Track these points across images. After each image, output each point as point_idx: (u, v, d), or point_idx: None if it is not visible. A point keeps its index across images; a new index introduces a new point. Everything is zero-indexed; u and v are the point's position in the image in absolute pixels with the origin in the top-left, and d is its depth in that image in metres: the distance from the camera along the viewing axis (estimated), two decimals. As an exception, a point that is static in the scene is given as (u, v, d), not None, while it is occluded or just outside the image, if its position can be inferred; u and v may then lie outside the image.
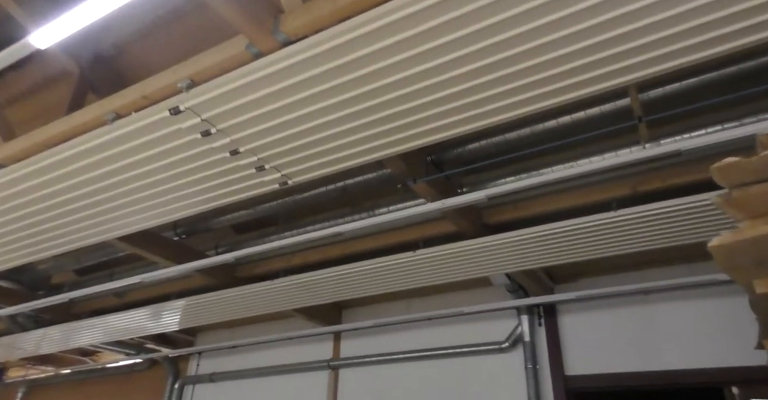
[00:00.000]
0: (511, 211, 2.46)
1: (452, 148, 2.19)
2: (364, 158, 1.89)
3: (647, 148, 1.68)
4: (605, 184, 2.22)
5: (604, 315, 3.12)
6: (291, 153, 1.86)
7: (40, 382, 5.41)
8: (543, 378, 3.10)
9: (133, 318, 3.46)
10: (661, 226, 2.08)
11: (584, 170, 1.82)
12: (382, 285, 2.91)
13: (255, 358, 4.34)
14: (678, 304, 2.94)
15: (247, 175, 1.98)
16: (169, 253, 2.88)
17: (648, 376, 2.88)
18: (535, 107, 1.61)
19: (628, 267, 3.11)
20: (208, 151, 1.83)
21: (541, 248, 2.41)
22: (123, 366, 4.89)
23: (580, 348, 3.11)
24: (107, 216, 2.24)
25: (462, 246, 2.47)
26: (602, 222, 2.14)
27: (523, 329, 3.22)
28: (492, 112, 1.65)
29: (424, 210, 2.12)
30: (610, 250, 2.32)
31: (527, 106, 1.61)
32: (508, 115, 1.65)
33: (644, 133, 1.71)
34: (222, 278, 3.22)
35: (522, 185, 1.94)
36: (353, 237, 2.96)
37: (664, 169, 2.09)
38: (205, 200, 2.16)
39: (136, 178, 1.99)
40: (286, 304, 3.26)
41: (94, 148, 1.80)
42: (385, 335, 3.81)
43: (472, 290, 3.57)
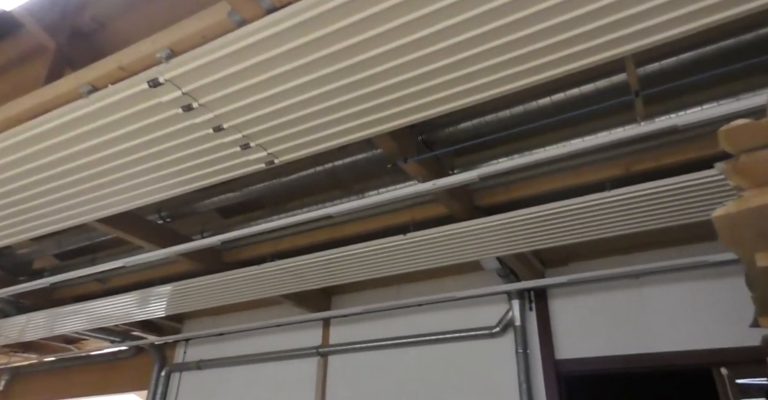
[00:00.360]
0: (503, 193, 2.42)
1: (444, 128, 2.13)
2: (353, 136, 1.83)
3: (643, 124, 1.63)
4: (598, 165, 2.18)
5: (595, 299, 3.11)
6: (277, 130, 1.79)
7: (23, 370, 5.32)
8: (534, 363, 3.09)
9: (118, 304, 3.39)
10: (655, 206, 2.05)
11: (578, 148, 1.78)
12: (372, 270, 2.87)
13: (243, 345, 4.30)
14: (668, 287, 2.94)
15: (232, 154, 1.91)
16: (153, 236, 2.80)
17: (638, 358, 2.88)
18: (526, 81, 1.55)
19: (619, 251, 3.10)
20: (191, 127, 1.75)
21: (534, 230, 2.38)
22: (108, 354, 4.82)
23: (571, 332, 3.10)
24: (85, 197, 2.16)
25: (453, 229, 2.43)
26: (596, 203, 2.10)
27: (514, 313, 3.20)
28: (482, 87, 1.60)
29: (415, 191, 2.07)
30: (604, 231, 2.29)
31: (518, 80, 1.56)
32: (499, 90, 1.60)
33: (640, 108, 1.66)
34: (208, 262, 3.15)
35: (514, 164, 1.89)
36: (342, 221, 2.91)
37: (657, 148, 2.06)
38: (188, 180, 2.09)
39: (114, 157, 1.91)
40: (274, 289, 3.20)
41: (69, 124, 1.72)
42: (375, 321, 3.77)
43: (462, 276, 3.54)
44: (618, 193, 2.02)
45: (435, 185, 2.04)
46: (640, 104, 1.66)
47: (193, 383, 4.36)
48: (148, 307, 3.44)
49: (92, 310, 3.47)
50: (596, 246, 3.11)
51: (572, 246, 3.13)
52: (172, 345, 4.62)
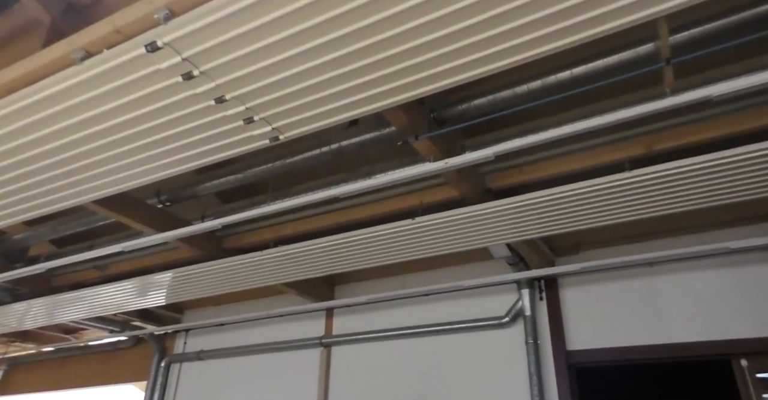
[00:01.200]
0: (516, 174, 2.32)
1: (456, 105, 2.03)
2: (362, 109, 1.73)
3: (672, 97, 1.53)
4: (618, 145, 2.08)
5: (607, 288, 3.02)
6: (282, 102, 1.69)
7: (21, 360, 5.25)
8: (544, 353, 3.01)
9: (117, 291, 3.30)
10: (679, 187, 1.95)
11: (600, 123, 1.68)
12: (378, 256, 2.77)
13: (244, 335, 4.22)
14: (684, 275, 2.85)
15: (235, 129, 1.82)
16: (152, 220, 2.71)
17: (652, 349, 2.79)
18: (543, 49, 1.45)
19: (632, 238, 3.01)
20: (192, 98, 1.65)
21: (548, 215, 2.28)
22: (107, 344, 4.74)
23: (582, 322, 3.01)
24: (79, 176, 2.06)
25: (463, 213, 2.33)
26: (615, 184, 2.00)
27: (524, 303, 3.11)
28: (496, 56, 1.49)
29: (426, 170, 1.97)
30: (622, 215, 2.19)
31: (535, 48, 1.45)
32: (515, 58, 1.49)
33: (670, 78, 1.56)
34: (208, 249, 3.06)
35: (532, 141, 1.79)
36: (348, 206, 2.81)
37: (682, 126, 1.96)
38: (189, 158, 1.99)
39: (110, 131, 1.81)
40: (276, 277, 3.11)
41: (61, 93, 1.62)
42: (379, 311, 3.69)
43: (470, 265, 3.45)
44: (639, 173, 1.92)
45: (447, 164, 1.94)
46: (670, 73, 1.55)
47: (194, 374, 4.29)
48: (147, 295, 3.36)
49: (91, 297, 3.38)
50: (609, 233, 3.02)
51: (584, 233, 3.05)
52: (172, 336, 4.54)
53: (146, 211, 2.73)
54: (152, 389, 4.25)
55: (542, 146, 2.22)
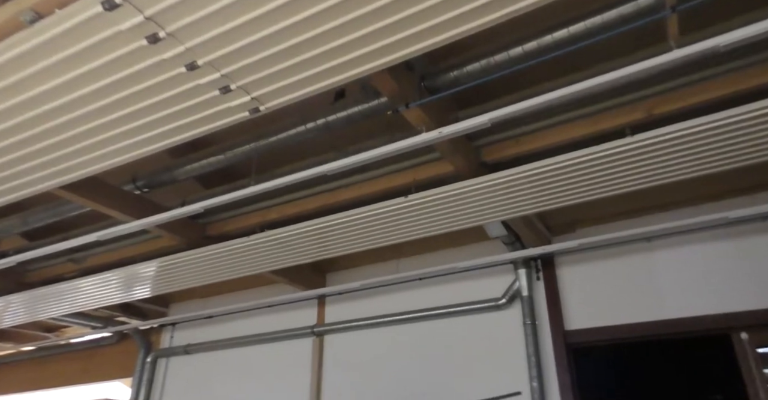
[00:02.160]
0: (512, 146, 2.21)
1: (448, 72, 1.90)
2: (347, 74, 1.59)
3: (677, 50, 1.42)
4: (618, 110, 1.98)
5: (605, 266, 2.94)
6: (260, 67, 1.55)
7: (1, 360, 5.06)
8: (543, 334, 2.92)
9: (97, 284, 3.15)
10: (682, 152, 1.86)
11: (600, 82, 1.56)
12: (370, 238, 2.65)
13: (234, 327, 4.09)
14: (682, 249, 2.77)
15: (211, 100, 1.67)
16: (128, 207, 2.56)
17: (650, 326, 2.72)
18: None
19: (629, 214, 2.93)
20: (160, 65, 1.51)
21: (546, 187, 2.17)
22: (90, 341, 4.58)
23: (580, 301, 2.93)
24: (42, 159, 1.90)
25: (458, 188, 2.21)
26: (615, 151, 1.90)
27: (521, 283, 3.02)
28: (482, 10, 1.37)
29: (419, 141, 1.85)
30: (622, 186, 2.09)
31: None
32: (502, 12, 1.37)
33: (674, 29, 1.45)
34: (190, 237, 2.91)
35: (530, 105, 1.67)
36: (337, 186, 2.68)
37: (683, 88, 1.85)
38: (163, 135, 1.84)
39: (72, 107, 1.66)
40: (264, 265, 2.98)
41: (11, 63, 1.46)
42: (373, 297, 3.58)
43: (465, 247, 3.35)
44: (640, 138, 1.82)
45: (441, 134, 1.82)
46: (675, 23, 1.44)
47: (182, 369, 4.15)
48: (129, 287, 3.20)
49: (70, 291, 3.22)
50: (605, 209, 2.94)
51: (580, 210, 2.95)
52: (158, 330, 4.39)
53: (122, 197, 2.58)
54: (138, 385, 4.11)
55: (539, 115, 2.11)
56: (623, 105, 1.96)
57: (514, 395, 2.84)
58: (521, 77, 2.08)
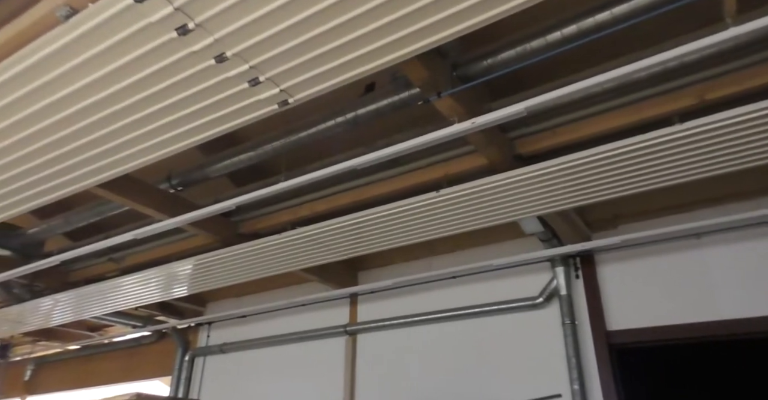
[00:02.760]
0: (548, 137, 2.13)
1: (482, 59, 1.84)
2: (376, 62, 1.56)
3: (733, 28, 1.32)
4: (664, 97, 1.87)
5: (650, 263, 2.80)
6: (288, 58, 1.53)
7: (48, 359, 5.25)
8: (583, 335, 2.81)
9: (137, 282, 3.21)
10: (735, 140, 1.74)
11: (647, 65, 1.47)
12: (401, 235, 2.61)
13: (267, 326, 4.11)
14: (735, 246, 2.61)
15: (241, 93, 1.66)
16: (164, 205, 2.59)
17: (701, 327, 2.58)
18: None
19: (675, 208, 2.78)
20: (190, 57, 1.51)
21: (586, 180, 2.08)
22: (130, 340, 4.69)
23: (623, 301, 2.81)
24: (79, 157, 1.94)
25: (492, 181, 2.14)
26: (662, 140, 1.80)
27: (559, 282, 2.92)
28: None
29: (451, 132, 1.80)
30: (669, 178, 1.98)
31: None
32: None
33: (731, 4, 1.35)
34: (223, 235, 2.93)
35: (569, 91, 1.60)
36: (367, 182, 2.65)
37: (737, 71, 1.74)
38: (194, 130, 1.84)
39: (106, 103, 1.68)
40: (296, 262, 2.97)
41: (47, 61, 1.48)
42: (405, 296, 3.53)
43: (499, 244, 3.27)
44: (690, 125, 1.71)
45: (474, 124, 1.76)
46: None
47: (218, 367, 4.20)
48: (166, 285, 3.25)
49: (112, 290, 3.29)
50: (649, 204, 2.80)
51: (622, 204, 2.83)
52: (194, 329, 4.46)
53: (157, 196, 2.61)
54: (177, 383, 4.17)
55: (579, 104, 2.02)
56: (671, 91, 1.85)
57: (554, 397, 2.74)
58: (559, 65, 2.00)
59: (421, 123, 2.32)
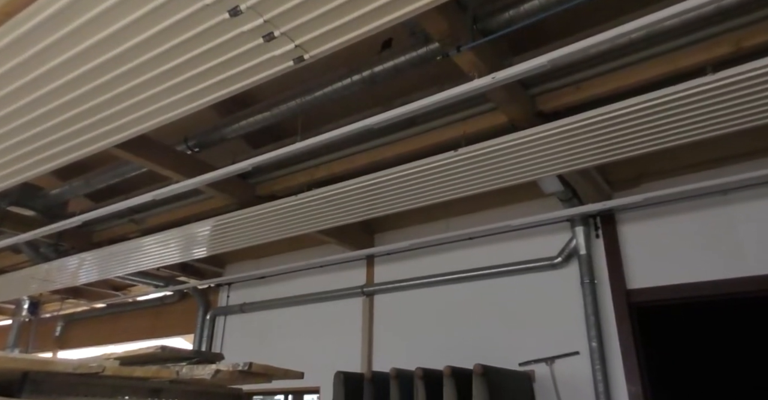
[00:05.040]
0: (572, 93, 2.06)
1: (503, 11, 1.76)
2: (393, 14, 1.49)
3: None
4: (698, 46, 1.78)
5: (673, 222, 2.75)
6: (303, 11, 1.48)
7: (76, 316, 5.45)
8: (602, 294, 2.81)
9: (158, 243, 3.26)
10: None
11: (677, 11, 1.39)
12: (419, 196, 2.58)
13: (285, 287, 4.18)
14: (764, 201, 2.54)
15: (256, 48, 1.62)
16: (181, 166, 2.60)
17: (727, 284, 2.55)
18: None
19: (701, 165, 2.71)
20: (204, 10, 1.46)
21: (611, 136, 2.02)
22: (154, 299, 4.83)
23: (645, 260, 2.78)
24: (97, 116, 1.93)
25: (511, 139, 2.09)
26: (693, 91, 1.72)
27: (578, 241, 2.90)
28: None
29: (471, 87, 1.74)
30: (700, 132, 1.91)
31: None
32: None
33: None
34: (241, 196, 2.95)
35: (595, 42, 1.52)
36: (384, 143, 2.61)
37: (777, 17, 1.63)
38: (210, 88, 1.81)
39: (122, 60, 1.65)
40: (313, 224, 2.98)
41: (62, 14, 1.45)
42: (422, 257, 3.55)
43: (518, 205, 3.24)
44: (726, 75, 1.63)
45: (494, 79, 1.70)
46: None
47: (238, 326, 4.32)
48: (186, 246, 3.30)
49: (132, 250, 3.36)
50: (674, 160, 2.73)
51: (646, 162, 2.76)
52: (215, 290, 4.57)
53: (175, 157, 2.62)
54: (199, 341, 4.31)
55: (605, 56, 1.94)
56: (705, 39, 1.76)
57: (571, 355, 2.77)
58: (585, 15, 1.91)
59: (440, 81, 2.26)
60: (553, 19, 1.92)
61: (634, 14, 1.76)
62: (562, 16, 1.93)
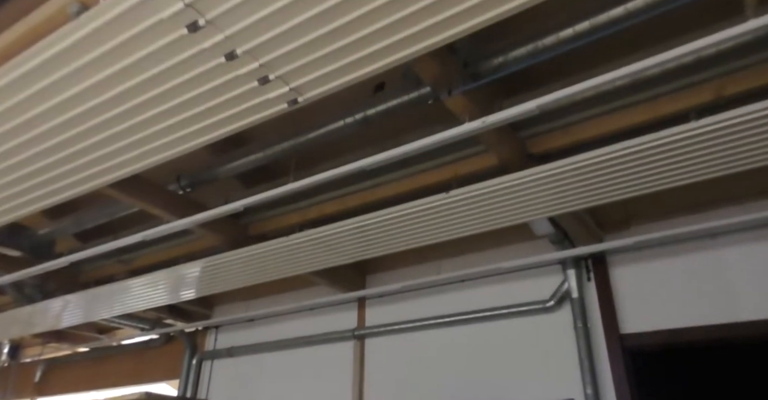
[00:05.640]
0: (561, 136, 2.10)
1: (493, 57, 1.82)
2: (386, 60, 1.54)
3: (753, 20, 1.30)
4: (680, 93, 1.84)
5: (664, 265, 2.75)
6: (298, 56, 1.52)
7: (57, 361, 5.26)
8: (596, 338, 2.77)
9: (146, 284, 3.20)
10: (755, 136, 1.70)
11: (663, 60, 1.45)
12: (410, 237, 2.58)
13: (275, 330, 4.09)
14: (752, 246, 2.56)
15: (250, 91, 1.65)
16: (173, 206, 2.59)
17: (720, 329, 2.52)
18: None
19: (689, 208, 2.74)
20: (200, 54, 1.50)
21: (599, 180, 2.05)
22: (139, 343, 4.69)
23: (637, 303, 2.76)
24: (90, 156, 1.93)
25: (502, 182, 2.12)
26: (678, 138, 1.76)
27: (570, 284, 2.88)
28: None
29: (462, 131, 1.78)
30: (685, 176, 1.94)
31: None
32: None
33: (751, -4, 1.32)
34: (232, 236, 2.93)
35: (582, 88, 1.57)
36: (376, 184, 2.63)
37: (758, 65, 1.70)
38: (202, 130, 1.84)
39: (117, 102, 1.67)
40: (304, 265, 2.95)
41: (57, 58, 1.48)
42: (414, 300, 3.50)
43: (509, 247, 3.23)
44: (708, 122, 1.68)
45: (485, 123, 1.74)
46: (752, -11, 1.32)
47: (226, 371, 4.18)
48: (175, 287, 3.25)
49: (121, 291, 3.29)
50: (663, 204, 2.76)
51: (635, 205, 2.79)
52: (202, 333, 4.45)
53: (166, 196, 2.61)
54: (185, 386, 4.16)
55: (591, 101, 1.99)
56: (688, 87, 1.82)
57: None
58: (572, 62, 1.98)
59: (431, 123, 2.30)
60: (542, 63, 1.99)
61: (618, 62, 1.82)
62: (550, 61, 1.99)
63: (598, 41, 1.71)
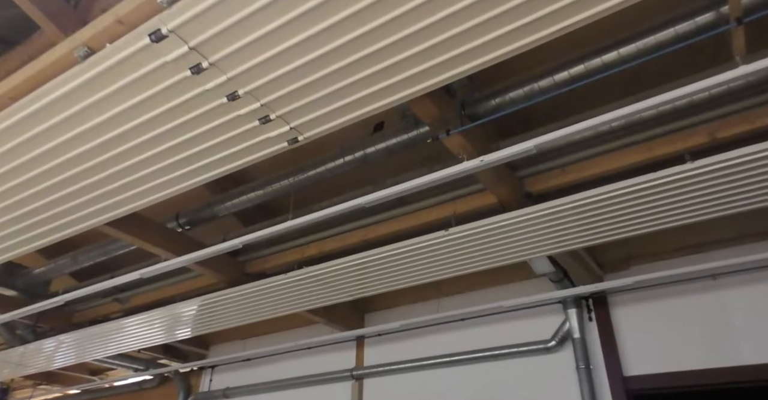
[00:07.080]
0: (558, 176, 2.12)
1: (490, 98, 1.86)
2: (385, 101, 1.58)
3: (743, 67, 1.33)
4: (675, 135, 1.87)
5: (665, 305, 2.72)
6: (299, 96, 1.56)
7: (46, 404, 5.11)
8: (599, 380, 2.69)
9: (141, 323, 3.15)
10: (748, 179, 1.72)
11: (657, 103, 1.48)
12: (410, 275, 2.56)
13: (271, 370, 3.99)
14: (753, 288, 2.54)
15: (252, 130, 1.68)
16: (171, 244, 2.58)
17: (722, 373, 2.46)
18: (571, 21, 1.29)
19: (689, 249, 2.73)
20: (203, 96, 1.53)
21: (597, 219, 2.05)
22: (132, 384, 4.56)
23: (640, 344, 2.70)
24: (90, 195, 1.95)
25: (501, 220, 2.12)
26: (673, 178, 1.78)
27: (572, 324, 2.83)
28: (519, 33, 1.34)
29: (460, 169, 1.79)
30: (681, 217, 1.95)
31: (560, 20, 1.30)
32: (539, 35, 1.34)
33: (740, 42, 1.36)
34: (230, 274, 2.90)
35: (578, 129, 1.60)
36: (375, 221, 2.63)
37: (749, 110, 1.74)
38: (203, 168, 1.86)
39: (119, 141, 1.70)
40: (303, 303, 2.91)
41: (63, 99, 1.52)
42: (413, 339, 3.43)
43: (509, 285, 3.20)
44: (702, 164, 1.70)
45: (483, 162, 1.76)
46: (741, 36, 1.36)
47: (220, 414, 4.05)
48: (171, 326, 3.19)
49: (116, 331, 3.23)
50: (663, 244, 2.75)
51: (635, 244, 2.78)
52: (197, 373, 4.34)
53: (165, 234, 2.61)
54: (177, 430, 4.02)
55: (588, 142, 2.02)
56: (681, 130, 1.85)
57: (571, 448, 2.59)
58: (568, 104, 2.02)
59: (430, 161, 2.33)
60: (538, 105, 2.03)
61: (613, 104, 1.86)
62: (546, 103, 2.04)
63: (593, 84, 1.76)
